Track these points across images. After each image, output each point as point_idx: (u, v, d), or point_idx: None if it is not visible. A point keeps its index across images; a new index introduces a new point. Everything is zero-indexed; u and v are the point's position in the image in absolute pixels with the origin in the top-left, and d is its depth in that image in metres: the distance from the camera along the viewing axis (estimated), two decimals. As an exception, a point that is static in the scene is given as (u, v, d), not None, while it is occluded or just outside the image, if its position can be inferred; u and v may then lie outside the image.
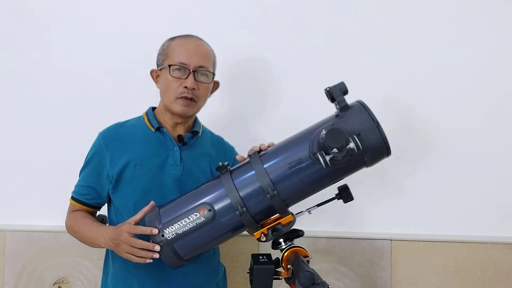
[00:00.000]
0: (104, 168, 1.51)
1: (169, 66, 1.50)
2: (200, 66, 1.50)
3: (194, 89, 1.49)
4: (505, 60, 1.97)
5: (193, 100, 1.50)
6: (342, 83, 1.30)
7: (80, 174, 1.58)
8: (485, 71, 1.97)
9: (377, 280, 1.98)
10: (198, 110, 1.57)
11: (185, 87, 1.48)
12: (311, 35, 2.02)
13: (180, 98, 1.49)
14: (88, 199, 1.55)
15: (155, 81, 1.59)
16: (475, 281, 1.95)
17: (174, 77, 1.49)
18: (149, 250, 1.32)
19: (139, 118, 1.60)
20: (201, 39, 1.57)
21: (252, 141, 1.48)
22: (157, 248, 1.31)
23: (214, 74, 1.57)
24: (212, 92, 1.61)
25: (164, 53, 1.54)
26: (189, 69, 1.49)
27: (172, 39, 1.56)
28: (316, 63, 2.01)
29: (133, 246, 1.33)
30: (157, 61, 1.58)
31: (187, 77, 1.48)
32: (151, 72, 1.59)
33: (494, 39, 1.97)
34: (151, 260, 1.33)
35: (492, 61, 1.97)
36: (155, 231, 1.31)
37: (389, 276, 1.97)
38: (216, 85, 1.63)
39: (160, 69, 1.55)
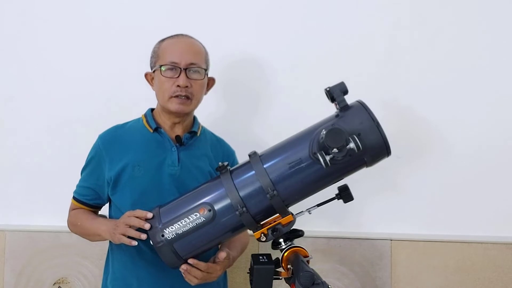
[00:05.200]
0: (104, 170, 1.53)
1: (160, 66, 1.50)
2: (191, 64, 1.51)
3: (187, 86, 1.49)
4: (504, 61, 1.97)
5: (188, 97, 1.51)
6: (342, 83, 1.30)
7: (81, 174, 1.61)
8: (485, 71, 1.97)
9: (377, 280, 1.98)
10: (195, 107, 1.57)
11: (178, 85, 1.48)
12: (310, 35, 2.02)
13: (174, 97, 1.50)
14: (88, 200, 1.58)
15: (150, 84, 1.60)
16: (475, 281, 1.95)
17: (166, 77, 1.50)
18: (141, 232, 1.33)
19: (138, 120, 1.61)
20: (191, 37, 1.57)
21: (252, 141, 1.48)
22: (147, 226, 1.32)
23: (207, 70, 1.56)
24: (208, 89, 1.61)
25: (155, 55, 1.55)
26: (180, 67, 1.49)
27: (162, 40, 1.57)
28: (316, 63, 2.01)
29: (128, 225, 1.35)
30: (150, 64, 1.58)
31: (179, 76, 1.49)
32: (146, 75, 1.60)
33: (494, 40, 1.97)
34: (136, 243, 1.35)
35: (491, 61, 1.97)
36: (150, 214, 1.33)
37: (389, 276, 1.97)
38: (212, 81, 1.63)
39: (154, 71, 1.56)
